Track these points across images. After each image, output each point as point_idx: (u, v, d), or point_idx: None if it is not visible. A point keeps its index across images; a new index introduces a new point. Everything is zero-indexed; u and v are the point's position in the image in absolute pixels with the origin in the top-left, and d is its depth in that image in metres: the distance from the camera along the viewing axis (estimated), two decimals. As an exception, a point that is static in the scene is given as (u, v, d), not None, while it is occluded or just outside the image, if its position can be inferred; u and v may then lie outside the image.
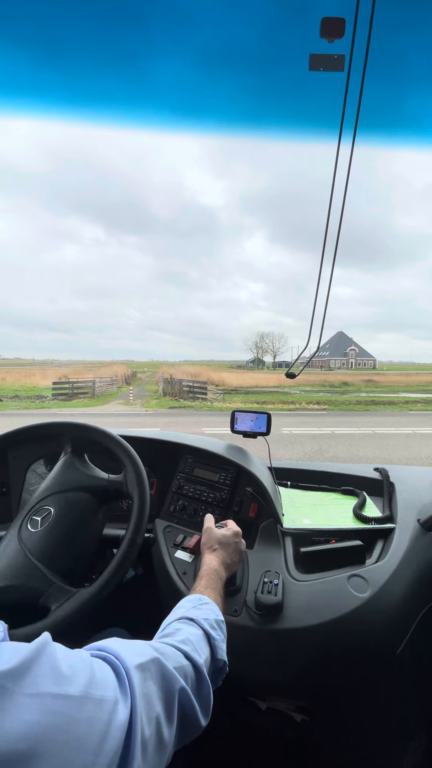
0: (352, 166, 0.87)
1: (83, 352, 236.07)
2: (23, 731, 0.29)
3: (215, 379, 25.90)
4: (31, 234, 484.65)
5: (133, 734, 0.36)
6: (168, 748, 0.41)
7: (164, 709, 0.42)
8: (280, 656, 0.80)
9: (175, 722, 0.43)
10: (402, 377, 40.52)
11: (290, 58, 0.91)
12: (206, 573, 0.74)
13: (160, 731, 0.40)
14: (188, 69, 0.97)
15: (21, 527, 0.81)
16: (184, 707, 0.46)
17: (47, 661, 0.34)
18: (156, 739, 0.39)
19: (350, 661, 0.81)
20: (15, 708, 0.30)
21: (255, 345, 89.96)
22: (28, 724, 0.29)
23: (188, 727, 0.47)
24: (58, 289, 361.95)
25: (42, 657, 0.34)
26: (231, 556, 0.82)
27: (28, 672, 0.32)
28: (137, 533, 0.80)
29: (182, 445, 1.24)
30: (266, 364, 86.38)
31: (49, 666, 0.34)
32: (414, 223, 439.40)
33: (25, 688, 0.31)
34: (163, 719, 0.41)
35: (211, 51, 0.93)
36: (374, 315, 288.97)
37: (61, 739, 0.30)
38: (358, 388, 25.63)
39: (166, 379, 19.23)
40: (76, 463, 0.92)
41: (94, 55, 0.94)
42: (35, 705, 0.31)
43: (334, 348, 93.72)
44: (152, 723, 0.39)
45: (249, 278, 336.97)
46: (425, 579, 0.89)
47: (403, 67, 0.89)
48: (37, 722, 0.30)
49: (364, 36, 0.77)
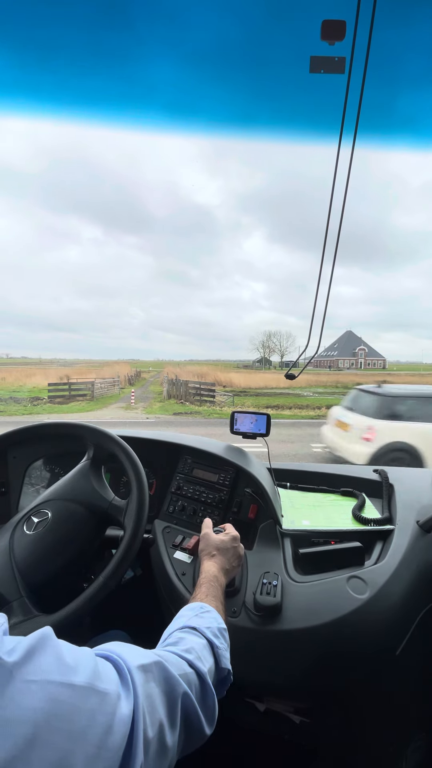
0: (352, 167, 0.87)
1: (89, 352, 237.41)
2: (26, 717, 0.29)
3: (222, 380, 25.46)
4: (31, 233, 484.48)
5: (135, 732, 0.35)
6: (170, 753, 0.41)
7: (167, 713, 0.41)
8: (279, 657, 0.80)
9: (179, 728, 0.43)
10: (415, 378, 39.25)
11: (285, 59, 0.91)
12: (206, 580, 0.72)
13: (162, 734, 0.40)
14: (186, 70, 0.97)
15: (17, 526, 0.81)
16: (188, 713, 0.45)
17: (51, 651, 0.34)
18: (158, 743, 0.39)
19: (349, 663, 0.81)
20: (19, 694, 0.30)
21: (262, 344, 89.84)
22: (32, 710, 0.30)
23: (192, 734, 0.46)
24: (61, 288, 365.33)
25: (46, 646, 0.34)
26: (230, 561, 0.80)
27: (32, 659, 0.33)
28: (136, 535, 0.81)
29: (181, 445, 1.24)
30: (273, 363, 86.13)
31: (53, 655, 0.34)
32: (414, 222, 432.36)
33: (30, 675, 0.31)
34: (166, 723, 0.40)
35: (208, 53, 0.93)
36: (377, 314, 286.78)
37: (64, 727, 0.31)
38: None
39: (170, 380, 18.07)
40: (90, 474, 0.91)
41: (88, 56, 0.94)
42: (39, 691, 0.31)
43: (342, 347, 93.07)
44: (155, 725, 0.39)
45: (250, 277, 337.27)
46: (424, 580, 0.89)
47: (401, 67, 0.88)
48: (41, 709, 0.30)
49: (363, 37, 0.77)
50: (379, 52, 0.75)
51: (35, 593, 0.74)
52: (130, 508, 0.84)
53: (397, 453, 4.32)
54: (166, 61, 0.95)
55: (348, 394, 5.65)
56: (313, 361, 1.18)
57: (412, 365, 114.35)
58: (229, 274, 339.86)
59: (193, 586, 0.90)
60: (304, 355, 1.12)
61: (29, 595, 0.73)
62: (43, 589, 0.76)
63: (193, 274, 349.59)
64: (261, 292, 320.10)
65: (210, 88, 1.00)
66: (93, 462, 0.93)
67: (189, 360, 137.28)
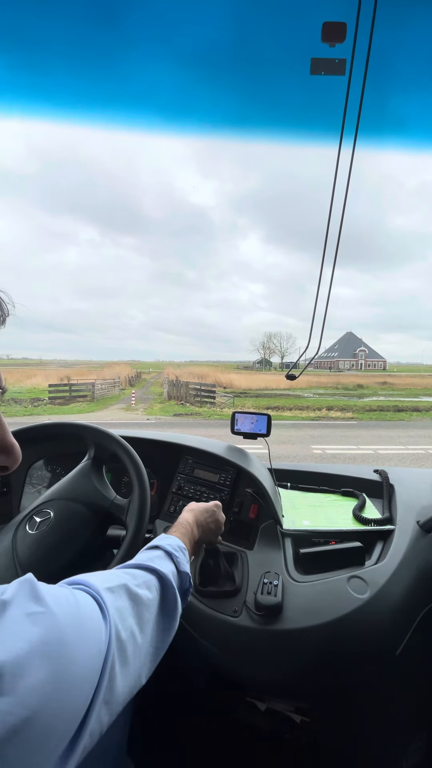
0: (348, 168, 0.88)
1: (89, 353, 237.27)
2: (18, 645, 0.32)
3: (223, 381, 25.41)
4: (28, 234, 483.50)
5: (110, 641, 0.42)
6: (142, 652, 0.48)
7: (136, 619, 0.49)
8: (280, 657, 0.81)
9: (149, 632, 0.51)
10: (416, 379, 39.08)
11: (281, 60, 0.91)
12: (178, 524, 0.77)
13: (134, 636, 0.47)
14: (183, 72, 0.96)
15: (19, 526, 0.82)
16: (154, 614, 0.53)
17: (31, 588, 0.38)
18: (132, 643, 0.46)
19: (350, 662, 0.81)
20: (11, 622, 0.33)
21: (262, 345, 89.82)
22: (25, 639, 0.33)
23: (162, 630, 0.54)
24: (60, 289, 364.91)
25: (26, 584, 0.38)
26: (206, 519, 0.83)
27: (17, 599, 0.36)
28: (138, 534, 0.81)
29: (182, 446, 1.25)
30: (273, 364, 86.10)
31: (32, 592, 0.38)
32: (409, 222, 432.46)
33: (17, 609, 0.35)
34: (135, 626, 0.48)
35: (205, 54, 0.92)
36: (376, 316, 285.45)
37: (74, 631, 0.37)
38: (374, 391, 24.81)
39: (171, 381, 18.19)
40: (92, 474, 0.91)
41: (80, 56, 0.93)
42: (26, 620, 0.34)
43: (343, 348, 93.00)
44: (127, 630, 0.46)
45: (247, 279, 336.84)
46: (424, 580, 0.89)
47: (390, 68, 0.89)
48: (36, 633, 0.34)
49: (362, 38, 0.78)
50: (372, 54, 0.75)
51: None
52: (132, 507, 0.84)
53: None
54: (164, 62, 0.95)
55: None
56: (313, 362, 1.19)
57: (412, 366, 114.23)
58: (227, 276, 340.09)
59: (193, 586, 0.91)
60: (304, 356, 1.12)
61: None
62: None
63: (191, 275, 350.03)
64: (259, 294, 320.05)
65: (205, 90, 1.00)
66: (94, 462, 0.93)
67: (189, 361, 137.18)
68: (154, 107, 1.04)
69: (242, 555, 0.99)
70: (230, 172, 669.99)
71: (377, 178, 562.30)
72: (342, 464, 1.49)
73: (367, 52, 0.78)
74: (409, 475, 1.29)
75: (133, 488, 0.86)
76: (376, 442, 8.13)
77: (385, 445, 7.74)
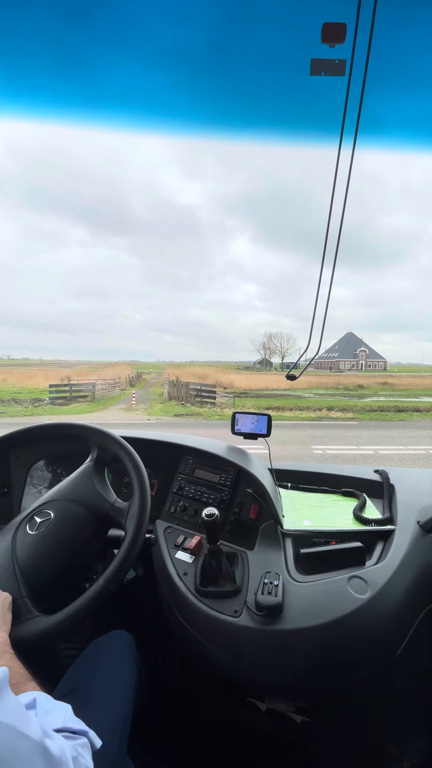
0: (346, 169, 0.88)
1: (90, 353, 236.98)
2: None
3: (223, 382, 25.34)
4: (15, 233, 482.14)
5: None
6: None
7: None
8: (280, 657, 0.81)
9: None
10: (417, 379, 38.86)
11: (279, 61, 0.91)
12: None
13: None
14: (182, 73, 0.96)
15: (20, 526, 0.82)
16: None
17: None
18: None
19: (350, 662, 0.81)
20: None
21: (263, 346, 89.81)
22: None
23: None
24: (54, 289, 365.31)
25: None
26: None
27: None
28: (138, 534, 0.81)
29: (183, 446, 1.25)
30: (274, 365, 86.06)
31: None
32: (399, 223, 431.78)
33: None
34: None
35: (204, 55, 0.92)
36: (374, 316, 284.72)
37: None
38: (374, 392, 24.77)
39: (171, 382, 18.08)
40: (93, 476, 0.91)
41: (53, 56, 0.91)
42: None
43: (343, 349, 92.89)
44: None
45: (241, 279, 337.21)
46: (425, 581, 0.89)
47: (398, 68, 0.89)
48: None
49: (362, 39, 0.78)
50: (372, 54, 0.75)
51: (36, 593, 0.74)
52: (132, 512, 0.84)
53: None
54: (163, 63, 0.94)
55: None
56: (314, 362, 1.19)
57: (413, 367, 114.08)
58: (220, 276, 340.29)
59: (194, 586, 0.91)
60: (304, 357, 1.12)
61: (30, 595, 0.73)
62: (45, 589, 0.76)
63: (184, 275, 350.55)
64: (254, 294, 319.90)
65: (191, 90, 0.99)
66: (96, 464, 0.93)
67: (189, 361, 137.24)
68: (139, 107, 1.02)
69: (243, 555, 0.99)
70: (214, 172, 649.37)
71: (369, 178, 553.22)
72: (342, 464, 1.49)
73: (367, 53, 0.78)
74: (410, 475, 1.29)
75: (134, 492, 0.86)
76: (377, 442, 8.12)
77: (386, 446, 7.73)
